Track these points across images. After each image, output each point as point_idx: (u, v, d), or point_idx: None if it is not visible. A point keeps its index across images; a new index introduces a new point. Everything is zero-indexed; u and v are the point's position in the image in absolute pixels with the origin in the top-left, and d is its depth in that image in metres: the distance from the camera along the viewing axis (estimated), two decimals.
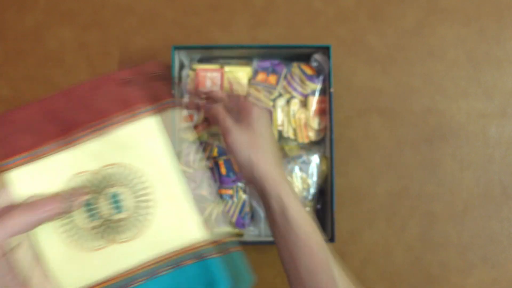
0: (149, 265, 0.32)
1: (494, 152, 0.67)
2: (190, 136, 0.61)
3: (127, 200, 0.32)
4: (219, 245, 0.33)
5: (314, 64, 0.62)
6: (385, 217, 0.67)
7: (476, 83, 0.68)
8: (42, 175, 0.31)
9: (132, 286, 0.31)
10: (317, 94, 0.62)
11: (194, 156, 0.61)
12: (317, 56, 0.62)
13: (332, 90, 0.60)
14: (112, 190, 0.32)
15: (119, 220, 0.32)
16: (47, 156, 0.31)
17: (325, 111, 0.62)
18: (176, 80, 0.33)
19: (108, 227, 0.32)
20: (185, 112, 0.59)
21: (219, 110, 0.47)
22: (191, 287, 0.32)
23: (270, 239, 0.62)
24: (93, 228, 0.31)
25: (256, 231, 0.62)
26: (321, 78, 0.62)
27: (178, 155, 0.35)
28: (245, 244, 0.64)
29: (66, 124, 0.31)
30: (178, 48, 0.61)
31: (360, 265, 0.66)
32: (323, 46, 0.61)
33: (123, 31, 0.69)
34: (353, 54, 0.68)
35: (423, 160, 0.67)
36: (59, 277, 0.31)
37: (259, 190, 0.43)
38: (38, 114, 0.31)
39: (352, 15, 0.69)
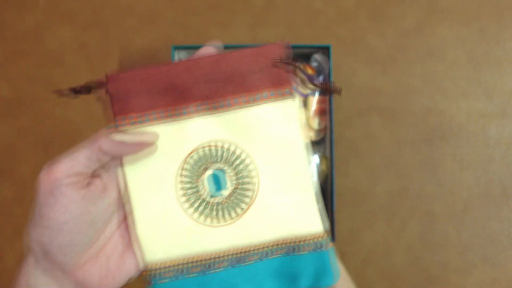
0: (262, 248, 0.31)
1: (494, 152, 0.67)
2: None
3: (251, 176, 0.31)
4: (328, 237, 0.32)
5: (314, 64, 0.62)
6: (385, 217, 0.67)
7: (476, 83, 0.68)
8: (173, 137, 0.30)
9: (243, 264, 0.31)
10: (317, 94, 0.62)
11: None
12: (317, 56, 0.62)
13: None
14: (243, 160, 0.31)
15: (243, 192, 0.31)
16: (185, 118, 0.30)
17: (325, 111, 0.62)
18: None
19: (234, 200, 0.31)
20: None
21: None
22: (300, 275, 0.31)
23: None
24: (216, 203, 0.31)
25: None
26: (321, 78, 0.62)
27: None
28: None
29: (212, 90, 0.30)
30: (178, 48, 0.61)
31: (360, 265, 0.66)
32: (323, 46, 0.61)
33: (123, 31, 0.69)
34: (353, 54, 0.68)
35: (423, 160, 0.67)
36: (150, 240, 0.30)
37: None
38: (184, 74, 0.30)
39: (352, 15, 0.69)
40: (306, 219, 0.31)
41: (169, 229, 0.30)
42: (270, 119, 0.31)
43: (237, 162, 0.31)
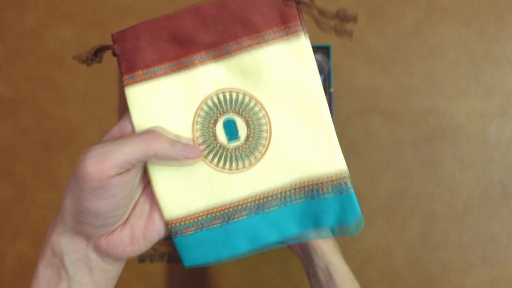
0: (282, 191, 0.31)
1: (494, 152, 0.67)
2: None
3: (269, 121, 0.30)
4: (349, 177, 0.31)
5: None
6: (385, 217, 0.67)
7: (476, 83, 0.68)
8: (183, 89, 0.30)
9: (267, 210, 0.30)
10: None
11: None
12: (317, 56, 0.62)
13: (332, 90, 0.60)
14: (256, 109, 0.30)
15: (259, 138, 0.31)
16: (194, 67, 0.30)
17: None
18: None
19: (249, 147, 0.30)
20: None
21: None
22: (326, 218, 0.31)
23: None
24: (233, 149, 0.30)
25: None
26: (321, 78, 0.62)
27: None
28: None
29: (220, 32, 0.29)
30: None
31: (360, 265, 0.66)
32: (323, 46, 0.61)
33: None
34: (353, 54, 0.68)
35: (423, 160, 0.67)
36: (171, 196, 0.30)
37: (302, 244, 0.45)
38: (189, 21, 0.29)
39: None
40: (329, 157, 0.30)
41: (189, 180, 0.30)
42: (281, 60, 0.30)
43: (247, 109, 0.30)
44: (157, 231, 0.29)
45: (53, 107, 0.68)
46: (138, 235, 0.28)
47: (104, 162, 0.24)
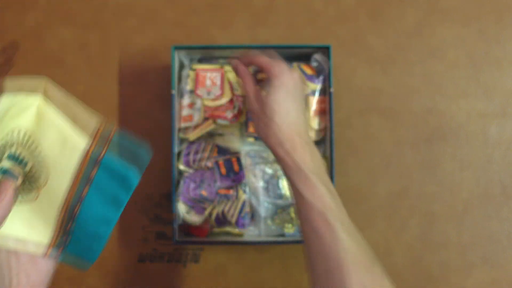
0: (73, 190, 0.36)
1: (494, 152, 0.67)
2: (190, 136, 0.62)
3: (23, 153, 0.36)
4: (101, 138, 0.37)
5: (314, 64, 0.62)
6: (385, 217, 0.67)
7: (476, 83, 0.68)
8: None
9: (77, 211, 0.36)
10: (317, 94, 0.62)
11: (194, 156, 0.61)
12: (317, 56, 0.62)
13: (332, 90, 0.60)
14: (8, 152, 0.36)
15: (31, 170, 0.36)
16: None
17: (325, 111, 0.62)
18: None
19: (29, 180, 0.36)
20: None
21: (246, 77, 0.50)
22: (112, 191, 0.36)
23: (270, 239, 0.62)
24: (21, 186, 0.36)
25: (256, 231, 0.62)
26: (321, 78, 0.62)
27: (178, 155, 0.36)
28: (245, 244, 0.64)
29: None
30: (178, 48, 0.61)
31: None
32: (323, 46, 0.61)
33: (123, 31, 0.69)
34: (353, 54, 0.68)
35: (423, 160, 0.67)
36: (30, 234, 0.36)
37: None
38: None
39: (352, 15, 0.69)
40: (72, 142, 0.36)
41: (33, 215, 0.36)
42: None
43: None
44: (45, 267, 0.34)
45: None
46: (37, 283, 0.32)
47: None
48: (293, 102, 0.47)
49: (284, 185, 0.61)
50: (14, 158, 0.35)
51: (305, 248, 0.44)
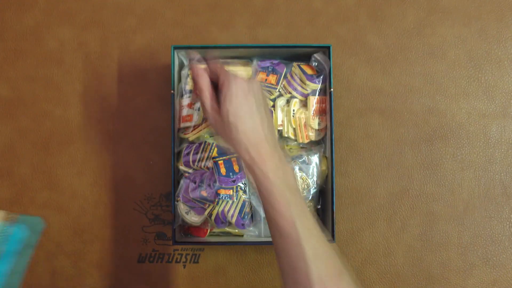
0: None
1: (494, 152, 0.67)
2: (190, 136, 0.61)
3: None
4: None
5: (314, 64, 0.62)
6: (385, 217, 0.66)
7: (476, 83, 0.68)
8: None
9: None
10: (317, 94, 0.62)
11: (194, 156, 0.61)
12: (317, 56, 0.62)
13: (332, 90, 0.60)
14: None
15: None
16: None
17: (325, 111, 0.62)
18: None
19: None
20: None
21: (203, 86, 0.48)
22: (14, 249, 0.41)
23: (270, 239, 0.62)
24: None
25: (256, 232, 0.62)
26: (321, 78, 0.62)
27: (178, 155, 0.36)
28: (245, 244, 0.64)
29: None
30: (178, 48, 0.61)
31: (360, 265, 0.66)
32: (323, 46, 0.61)
33: (123, 31, 0.68)
34: (353, 54, 0.68)
35: (423, 160, 0.67)
36: None
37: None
38: None
39: (352, 15, 0.69)
40: None
41: None
42: None
43: None
44: None
45: (52, 107, 0.68)
46: None
47: None
48: (248, 109, 0.45)
49: None
50: None
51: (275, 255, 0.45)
